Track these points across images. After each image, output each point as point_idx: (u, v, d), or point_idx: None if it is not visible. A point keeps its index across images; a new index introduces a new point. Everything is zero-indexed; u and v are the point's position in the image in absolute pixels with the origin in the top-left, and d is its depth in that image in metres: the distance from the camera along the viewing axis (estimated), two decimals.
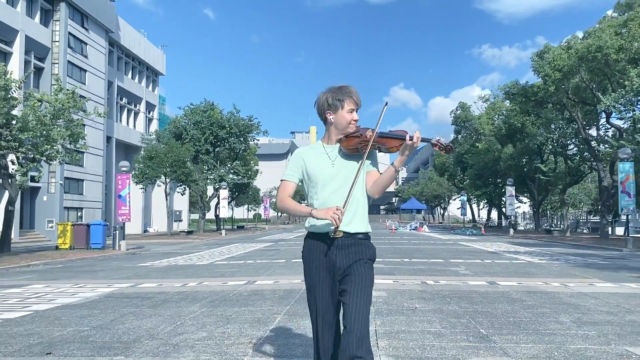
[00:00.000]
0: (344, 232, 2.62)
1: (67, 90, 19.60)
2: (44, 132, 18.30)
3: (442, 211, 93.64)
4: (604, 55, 24.06)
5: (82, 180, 34.46)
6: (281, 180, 2.83)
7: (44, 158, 19.19)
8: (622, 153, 20.80)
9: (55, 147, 19.08)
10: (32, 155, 19.00)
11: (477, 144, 47.15)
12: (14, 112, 18.65)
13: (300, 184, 2.84)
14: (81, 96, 21.52)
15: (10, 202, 18.56)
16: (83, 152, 23.78)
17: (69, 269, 13.58)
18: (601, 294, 8.23)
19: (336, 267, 2.67)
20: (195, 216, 69.19)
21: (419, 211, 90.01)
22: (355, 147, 2.72)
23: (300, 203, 2.87)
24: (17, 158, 18.89)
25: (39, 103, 18.99)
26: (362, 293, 2.59)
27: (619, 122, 26.95)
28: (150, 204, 47.94)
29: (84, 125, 21.44)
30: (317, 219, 2.60)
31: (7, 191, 18.55)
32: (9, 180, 18.31)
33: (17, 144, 17.86)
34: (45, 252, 20.02)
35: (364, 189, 2.76)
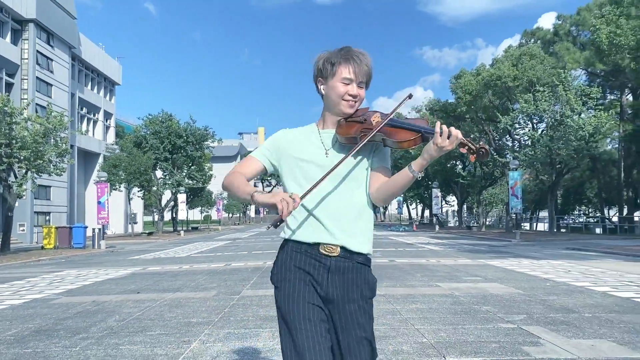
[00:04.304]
0: (341, 248, 1.91)
1: (57, 112, 23.11)
2: (36, 149, 21.77)
3: (382, 210, 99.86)
4: (503, 82, 29.63)
5: (50, 186, 37.35)
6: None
7: (35, 170, 22.63)
8: (512, 164, 26.30)
9: (45, 162, 22.55)
10: (25, 170, 22.42)
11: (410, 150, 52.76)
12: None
13: (271, 170, 2.08)
14: (65, 115, 24.98)
15: (10, 209, 21.91)
16: (69, 165, 26.96)
17: (74, 262, 17.36)
18: (455, 265, 13.02)
19: (328, 297, 1.93)
20: (148, 218, 72.03)
21: None
22: (354, 135, 1.96)
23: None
24: (14, 171, 22.29)
25: (30, 123, 22.37)
26: (365, 351, 1.93)
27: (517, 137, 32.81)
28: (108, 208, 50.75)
29: (71, 144, 24.93)
30: (259, 204, 1.83)
31: (7, 199, 21.84)
32: (8, 190, 21.67)
33: (16, 159, 21.31)
34: (39, 251, 23.42)
35: (367, 192, 2.03)
